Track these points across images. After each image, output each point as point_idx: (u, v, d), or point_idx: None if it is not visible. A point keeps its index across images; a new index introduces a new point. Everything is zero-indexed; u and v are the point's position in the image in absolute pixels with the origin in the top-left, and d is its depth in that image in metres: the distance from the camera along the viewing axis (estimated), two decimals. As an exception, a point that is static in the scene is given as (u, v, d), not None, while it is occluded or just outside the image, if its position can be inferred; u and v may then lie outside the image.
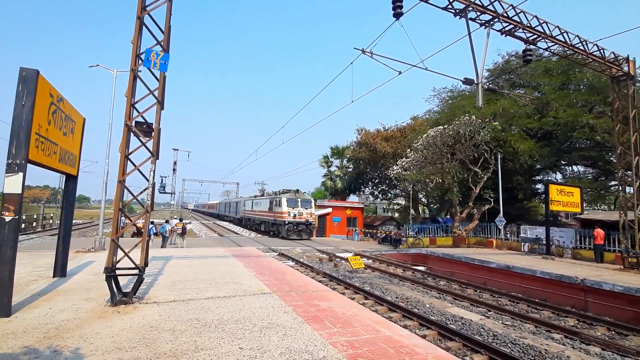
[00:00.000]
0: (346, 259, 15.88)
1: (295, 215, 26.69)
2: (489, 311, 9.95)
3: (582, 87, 21.88)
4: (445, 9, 10.72)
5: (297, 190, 28.88)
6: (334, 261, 17.22)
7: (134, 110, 7.03)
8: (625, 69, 13.62)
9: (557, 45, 12.64)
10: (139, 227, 15.42)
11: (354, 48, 11.21)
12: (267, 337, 4.97)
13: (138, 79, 7.06)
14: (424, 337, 6.89)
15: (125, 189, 6.90)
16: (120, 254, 6.62)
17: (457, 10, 10.75)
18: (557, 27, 12.09)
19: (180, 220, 22.84)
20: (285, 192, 28.55)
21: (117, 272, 6.46)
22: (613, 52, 13.49)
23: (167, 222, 20.53)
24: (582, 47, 12.72)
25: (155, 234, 19.83)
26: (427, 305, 9.96)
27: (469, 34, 10.64)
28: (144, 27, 7.14)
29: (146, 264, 6.96)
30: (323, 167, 42.80)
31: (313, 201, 29.12)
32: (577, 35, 12.52)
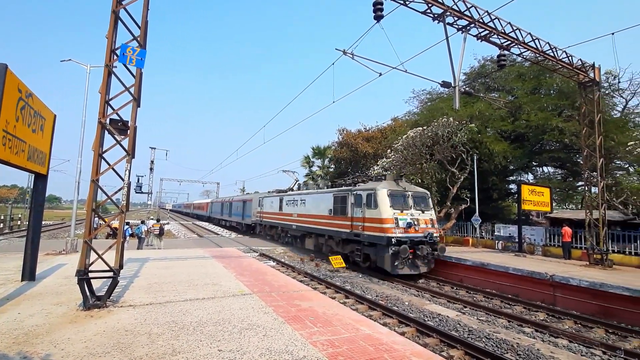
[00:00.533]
0: (327, 259, 15.94)
1: (409, 226, 13.71)
2: (465, 307, 10.28)
3: (552, 92, 22.92)
4: (424, 13, 10.97)
5: (401, 177, 16.69)
6: (315, 261, 17.25)
7: (109, 107, 6.81)
8: (592, 75, 14.38)
9: (529, 52, 13.18)
10: (113, 228, 14.91)
11: (335, 49, 11.29)
12: (247, 338, 4.94)
13: (113, 75, 6.85)
14: (402, 334, 7.03)
15: (98, 189, 6.67)
16: (93, 256, 6.40)
17: (436, 15, 11.01)
18: (529, 34, 12.61)
19: (158, 220, 22.21)
20: (378, 180, 16.18)
21: (90, 274, 6.24)
22: (580, 59, 14.21)
23: (142, 222, 19.93)
24: (552, 54, 13.33)
25: (131, 235, 19.23)
26: (406, 303, 10.17)
27: (447, 38, 10.93)
28: (119, 21, 6.93)
29: (121, 266, 6.76)
30: (304, 167, 42.76)
31: (430, 197, 16.41)
32: (548, 42, 13.10)
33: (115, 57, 6.86)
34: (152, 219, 27.22)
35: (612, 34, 11.96)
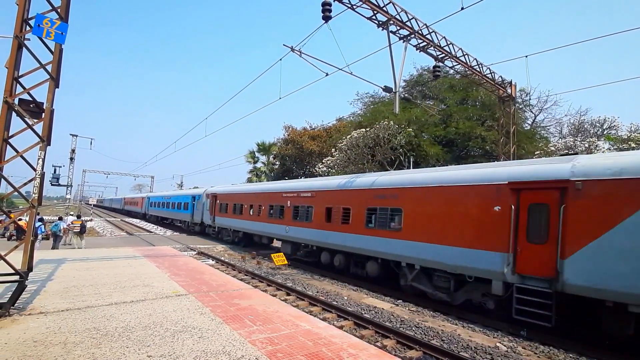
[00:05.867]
0: (270, 256, 15.79)
1: None
2: (398, 299, 10.97)
3: (477, 103, 25.58)
4: (369, 19, 11.42)
5: None
6: (257, 259, 16.98)
7: (18, 85, 5.90)
8: (509, 91, 16.35)
9: (459, 65, 14.52)
10: (20, 225, 13.02)
11: (283, 45, 11.20)
12: (180, 341, 4.68)
13: (25, 48, 5.94)
14: (340, 327, 7.26)
15: (2, 179, 5.74)
16: (-7, 257, 5.50)
17: (380, 22, 11.53)
18: (461, 49, 13.88)
19: (78, 217, 19.85)
20: None
21: (-11, 279, 5.36)
22: (501, 76, 16.06)
23: (60, 219, 17.66)
24: (478, 69, 14.85)
25: (46, 237, 16.91)
26: (345, 298, 10.52)
27: (390, 45, 11.52)
28: (34, -12, 6.04)
29: (30, 269, 5.92)
30: (249, 163, 41.85)
31: None
32: (476, 59, 14.56)
33: (28, 28, 5.96)
34: (72, 214, 24.27)
35: (526, 56, 13.69)
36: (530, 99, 24.56)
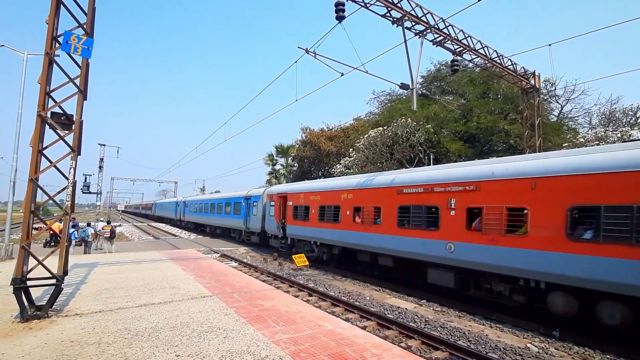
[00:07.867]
0: (290, 258, 15.90)
1: None
2: (422, 299, 10.77)
3: (499, 96, 24.76)
4: (384, 16, 11.30)
5: None
6: (279, 260, 17.13)
7: (50, 99, 6.24)
8: (532, 82, 15.73)
9: (479, 58, 14.11)
10: (55, 231, 13.71)
11: (298, 47, 11.26)
12: (206, 341, 4.80)
13: (55, 64, 6.28)
14: (364, 328, 7.21)
15: (38, 189, 6.09)
16: (32, 262, 5.84)
17: (395, 19, 11.40)
18: (480, 41, 13.49)
19: (108, 222, 20.73)
20: None
21: (29, 283, 5.69)
22: (523, 67, 15.48)
23: (88, 225, 18.49)
24: (499, 61, 14.38)
25: (79, 243, 17.77)
26: (368, 298, 10.44)
27: (405, 42, 11.36)
28: (62, 6, 6.37)
29: (65, 272, 6.24)
30: (268, 165, 42.38)
31: None
32: (495, 50, 14.11)
33: (57, 44, 6.30)
34: (102, 220, 25.37)
35: (549, 45, 13.14)
36: (555, 89, 23.55)
